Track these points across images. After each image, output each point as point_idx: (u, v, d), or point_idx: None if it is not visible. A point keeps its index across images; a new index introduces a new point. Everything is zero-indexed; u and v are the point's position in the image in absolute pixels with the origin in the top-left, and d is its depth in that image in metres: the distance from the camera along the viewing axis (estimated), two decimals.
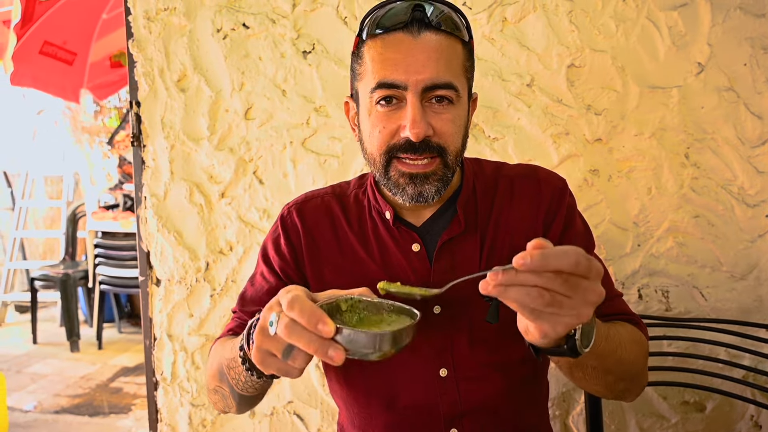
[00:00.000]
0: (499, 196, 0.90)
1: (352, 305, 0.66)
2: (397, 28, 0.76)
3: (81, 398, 3.06)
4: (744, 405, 1.32)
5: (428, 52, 0.76)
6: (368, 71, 0.79)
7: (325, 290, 0.79)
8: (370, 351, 0.58)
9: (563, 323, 0.56)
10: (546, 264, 0.52)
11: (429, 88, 0.76)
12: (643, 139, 1.30)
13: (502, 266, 0.54)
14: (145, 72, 1.46)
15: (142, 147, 1.49)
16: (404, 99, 0.77)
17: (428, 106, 0.78)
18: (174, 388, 1.54)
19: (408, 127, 0.76)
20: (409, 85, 0.76)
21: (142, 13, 1.44)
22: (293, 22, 1.39)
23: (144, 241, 1.51)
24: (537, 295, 0.53)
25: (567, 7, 1.29)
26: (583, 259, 0.53)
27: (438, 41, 0.77)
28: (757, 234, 1.29)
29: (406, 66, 0.76)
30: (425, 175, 0.78)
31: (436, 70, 0.76)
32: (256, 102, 1.42)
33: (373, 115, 0.79)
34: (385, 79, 0.77)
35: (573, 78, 1.31)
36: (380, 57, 0.77)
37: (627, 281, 1.34)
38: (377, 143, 0.79)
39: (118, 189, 4.25)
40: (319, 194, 0.96)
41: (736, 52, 1.25)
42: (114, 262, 3.73)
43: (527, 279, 0.53)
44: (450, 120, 0.78)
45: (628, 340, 0.80)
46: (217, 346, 0.89)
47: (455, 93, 0.78)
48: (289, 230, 0.92)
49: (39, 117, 4.76)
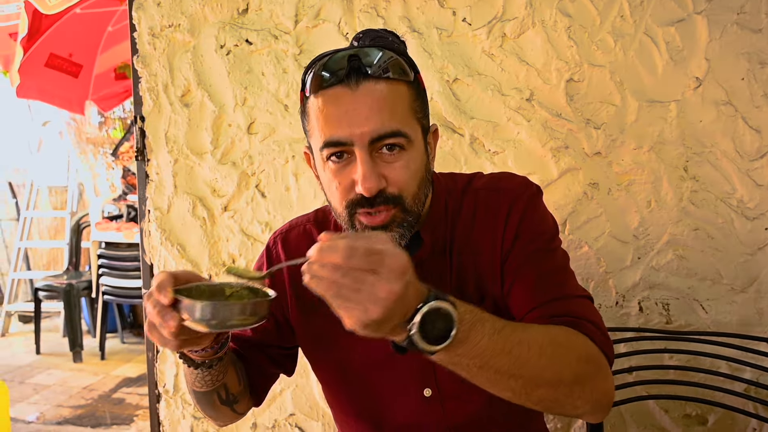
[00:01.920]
0: (463, 216, 0.87)
1: (234, 292, 0.73)
2: (334, 82, 0.75)
3: (83, 409, 3.06)
4: (746, 419, 1.32)
5: (369, 104, 0.74)
6: (315, 128, 0.78)
7: (311, 326, 0.87)
8: (206, 319, 0.64)
9: (354, 317, 0.57)
10: (321, 256, 0.56)
11: (375, 140, 0.74)
12: (642, 153, 1.31)
13: (300, 259, 0.60)
14: (150, 87, 1.48)
15: (146, 161, 1.50)
16: (353, 153, 0.76)
17: (378, 156, 0.76)
18: (176, 400, 1.54)
19: (359, 183, 0.74)
20: (354, 141, 0.74)
21: (147, 29, 1.46)
22: (295, 38, 1.41)
23: (147, 254, 1.53)
24: (326, 287, 0.56)
25: (565, 22, 1.30)
26: (358, 252, 0.55)
27: (379, 90, 0.74)
28: (757, 247, 1.29)
29: (349, 121, 0.74)
30: (384, 227, 0.77)
31: (380, 121, 0.74)
32: (259, 117, 1.44)
33: (328, 171, 0.79)
34: (330, 138, 0.75)
35: (572, 92, 1.32)
36: (323, 115, 0.76)
37: (627, 294, 1.34)
38: (337, 199, 0.79)
39: (122, 200, 4.28)
40: (302, 222, 0.97)
41: (734, 66, 1.26)
42: (117, 272, 3.74)
43: (316, 271, 0.56)
44: (403, 167, 0.76)
45: (545, 341, 0.70)
46: None
47: (405, 139, 0.76)
48: (273, 260, 0.95)
49: (44, 128, 4.81)
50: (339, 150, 0.76)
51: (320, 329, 0.89)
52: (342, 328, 0.60)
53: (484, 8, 1.33)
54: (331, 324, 0.77)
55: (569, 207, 1.33)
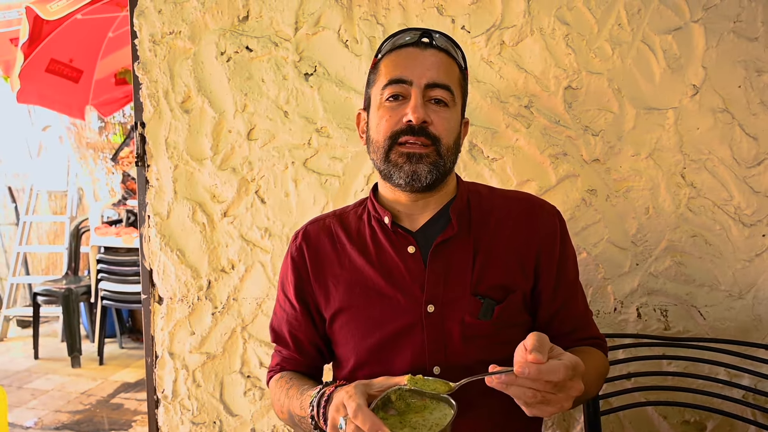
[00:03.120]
0: (496, 211, 0.98)
1: (400, 395, 0.76)
2: (408, 43, 0.93)
3: (81, 414, 3.05)
4: (745, 425, 1.32)
5: (432, 60, 0.91)
6: (381, 75, 0.94)
7: (331, 303, 0.98)
8: None
9: (549, 411, 0.70)
10: (540, 376, 0.66)
11: (430, 86, 0.90)
12: (640, 160, 1.31)
13: (505, 368, 0.69)
14: (150, 94, 1.48)
15: (146, 167, 1.51)
16: (409, 95, 0.90)
17: (428, 104, 0.90)
18: (175, 406, 1.54)
19: (410, 112, 0.88)
20: (413, 81, 0.90)
21: (148, 36, 1.47)
22: (295, 45, 1.41)
23: (147, 259, 1.53)
24: (531, 395, 0.68)
25: (563, 30, 1.31)
26: (570, 371, 0.67)
27: (441, 56, 0.93)
28: (755, 253, 1.30)
29: (413, 67, 0.91)
30: (420, 156, 0.89)
31: (437, 74, 0.91)
32: (259, 123, 1.45)
33: (382, 109, 0.92)
34: (394, 76, 0.91)
35: (570, 100, 1.33)
36: (392, 63, 0.93)
37: (626, 300, 1.35)
38: (383, 130, 0.91)
39: (122, 205, 4.28)
40: (323, 218, 1.07)
41: (731, 74, 1.27)
42: (116, 277, 3.74)
43: (524, 383, 0.68)
44: (445, 118, 0.91)
45: (594, 374, 0.92)
46: (276, 385, 1.02)
47: (451, 96, 0.91)
48: (296, 256, 1.03)
49: (44, 133, 4.81)
50: (397, 90, 0.91)
51: (341, 305, 0.97)
52: (360, 302, 0.93)
53: (483, 16, 1.34)
54: (350, 299, 0.96)
55: (568, 213, 1.33)
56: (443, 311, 0.90)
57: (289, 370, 1.04)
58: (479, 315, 0.89)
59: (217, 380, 1.52)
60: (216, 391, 1.53)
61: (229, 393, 1.53)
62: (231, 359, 1.51)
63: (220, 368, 1.52)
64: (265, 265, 1.47)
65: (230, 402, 1.53)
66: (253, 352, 1.50)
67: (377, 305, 0.93)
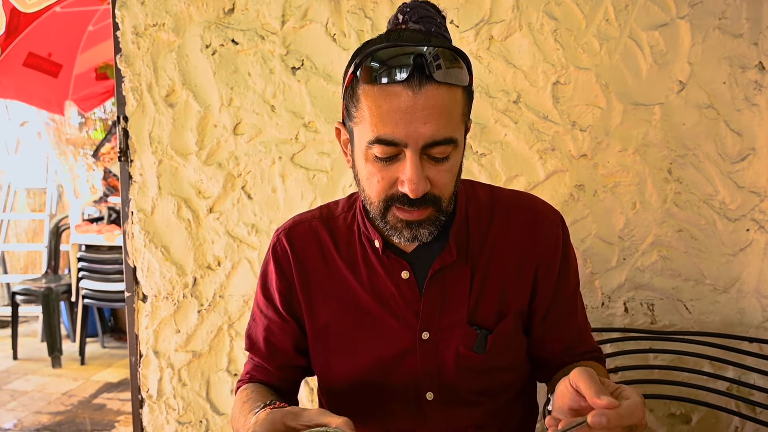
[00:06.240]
0: (495, 226, 0.89)
1: None
2: (396, 80, 0.71)
3: (63, 416, 2.99)
4: (729, 417, 1.34)
5: (429, 109, 0.72)
6: (365, 119, 0.75)
7: (317, 317, 0.90)
8: None
9: None
10: (621, 422, 0.59)
11: (429, 145, 0.73)
12: (627, 155, 1.32)
13: (576, 421, 0.61)
14: (133, 87, 1.45)
15: (129, 162, 1.48)
16: (402, 154, 0.75)
17: (426, 159, 0.75)
18: (160, 405, 1.52)
19: (407, 184, 0.74)
20: (408, 143, 0.73)
21: (131, 28, 1.44)
22: (282, 39, 1.39)
23: (130, 256, 1.50)
24: None
25: (552, 26, 1.31)
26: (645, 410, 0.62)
27: (439, 96, 0.72)
28: (739, 248, 1.32)
29: (406, 123, 0.72)
30: (419, 222, 0.78)
31: (436, 128, 0.72)
32: (245, 117, 1.42)
33: (370, 164, 0.77)
34: (383, 136, 0.73)
35: (558, 95, 1.33)
36: (378, 110, 0.73)
37: (613, 294, 1.36)
38: (375, 191, 0.78)
39: (103, 202, 4.20)
40: (307, 218, 0.95)
41: (716, 70, 1.29)
42: (98, 275, 3.67)
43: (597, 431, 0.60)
44: (448, 171, 0.77)
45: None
46: (238, 398, 0.91)
47: (453, 146, 0.76)
48: (281, 259, 0.92)
49: (22, 129, 4.71)
50: (389, 150, 0.74)
51: (328, 321, 0.90)
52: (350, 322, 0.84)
53: (472, 11, 1.33)
54: (339, 317, 0.89)
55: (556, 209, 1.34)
56: (438, 338, 0.86)
57: (258, 381, 0.95)
58: (473, 347, 0.85)
59: (203, 379, 1.50)
60: (202, 390, 1.50)
61: (215, 391, 1.50)
62: (217, 357, 1.49)
63: (206, 366, 1.50)
64: (252, 262, 1.45)
65: (217, 400, 1.51)
66: (240, 350, 1.48)
67: (369, 327, 0.87)
